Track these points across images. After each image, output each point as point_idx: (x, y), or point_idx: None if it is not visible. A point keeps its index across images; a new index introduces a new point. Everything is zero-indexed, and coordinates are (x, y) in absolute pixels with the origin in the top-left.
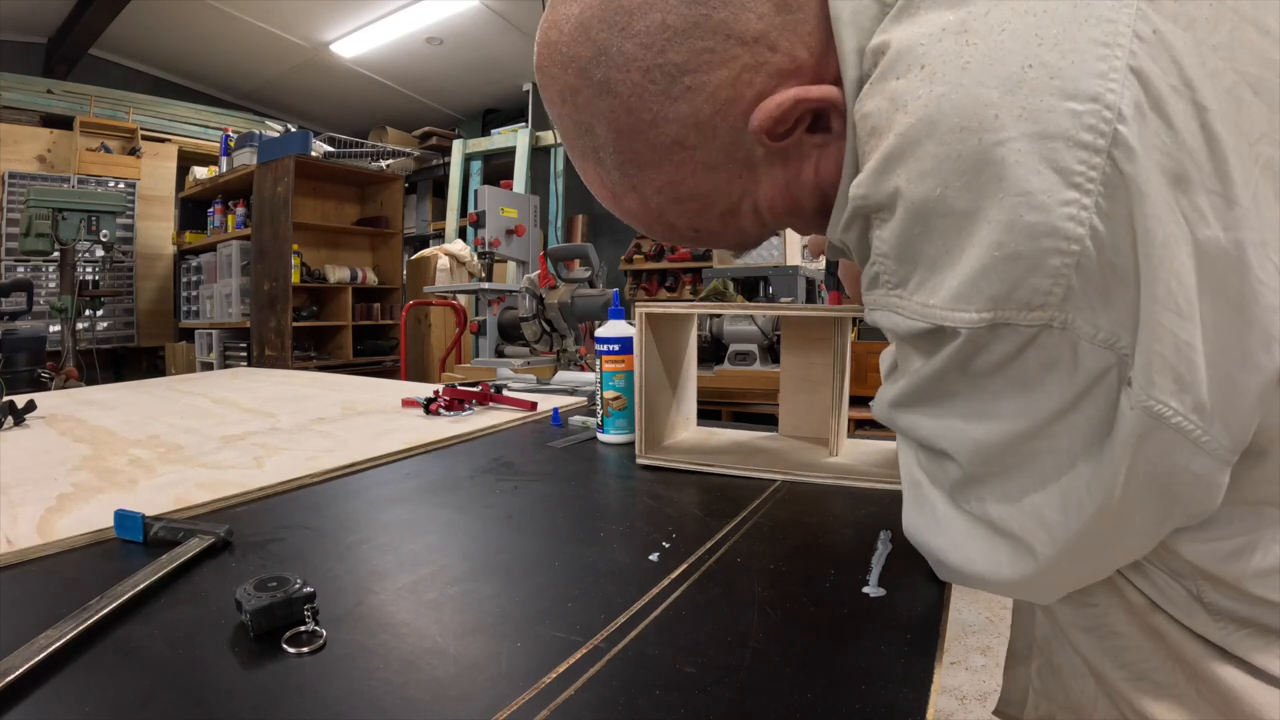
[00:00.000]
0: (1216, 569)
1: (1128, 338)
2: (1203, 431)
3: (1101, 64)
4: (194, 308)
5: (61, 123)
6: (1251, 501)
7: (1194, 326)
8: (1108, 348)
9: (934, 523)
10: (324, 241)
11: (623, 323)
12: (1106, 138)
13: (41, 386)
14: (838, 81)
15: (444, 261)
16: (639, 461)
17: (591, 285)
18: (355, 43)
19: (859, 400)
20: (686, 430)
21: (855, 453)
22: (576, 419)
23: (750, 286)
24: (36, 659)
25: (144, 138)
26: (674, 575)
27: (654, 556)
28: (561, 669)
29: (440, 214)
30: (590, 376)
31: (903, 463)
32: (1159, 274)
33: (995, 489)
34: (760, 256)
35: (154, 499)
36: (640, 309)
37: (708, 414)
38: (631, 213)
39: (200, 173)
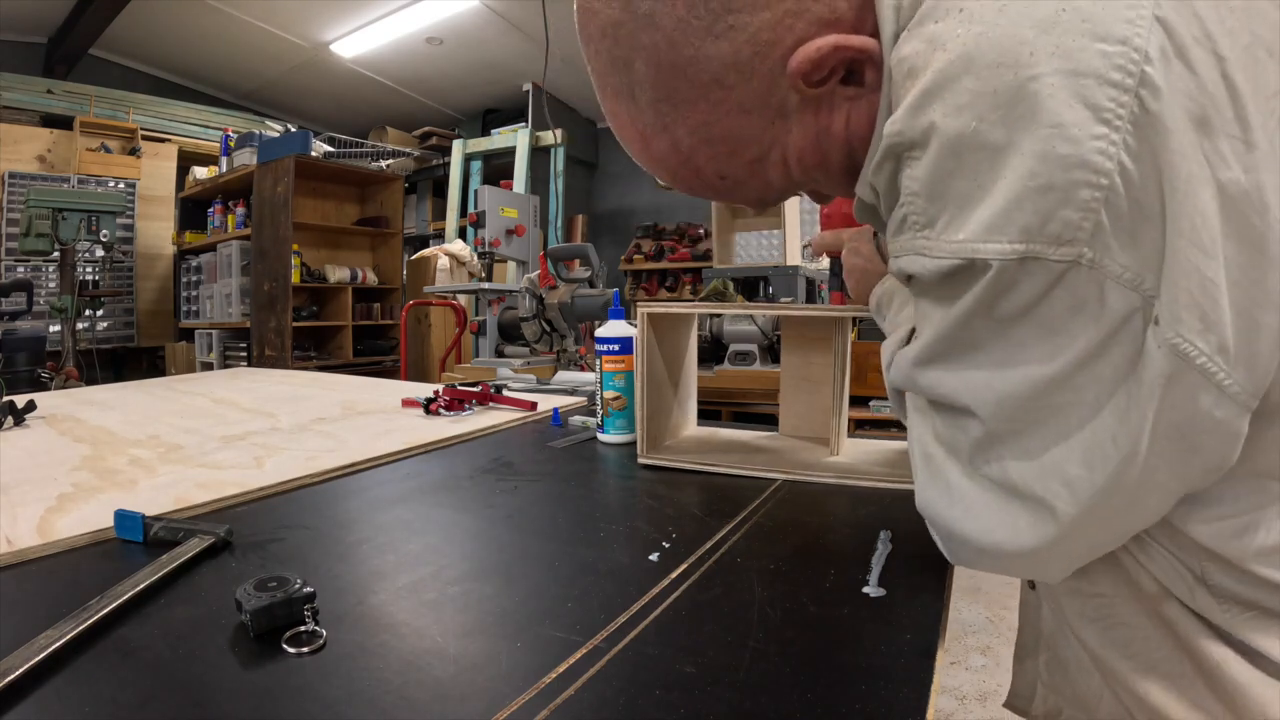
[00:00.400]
0: (1221, 547)
1: (1152, 279)
2: (1226, 374)
3: (1129, 11)
4: (194, 308)
5: (61, 123)
6: (1257, 473)
7: (1218, 265)
8: (1133, 289)
9: (948, 494)
10: (324, 241)
11: (623, 323)
12: (1134, 78)
13: (41, 386)
14: (873, 35)
15: (444, 261)
16: (640, 461)
17: (591, 285)
18: (355, 43)
19: (859, 400)
20: (687, 430)
21: (856, 452)
22: (576, 419)
23: (750, 286)
24: (36, 659)
25: (144, 138)
26: (674, 575)
27: (654, 556)
28: (561, 669)
29: (440, 214)
30: (590, 376)
31: (915, 438)
32: (1184, 209)
33: (1016, 446)
34: (760, 256)
35: (154, 499)
36: (642, 309)
37: (708, 414)
38: (659, 156)
39: (200, 173)
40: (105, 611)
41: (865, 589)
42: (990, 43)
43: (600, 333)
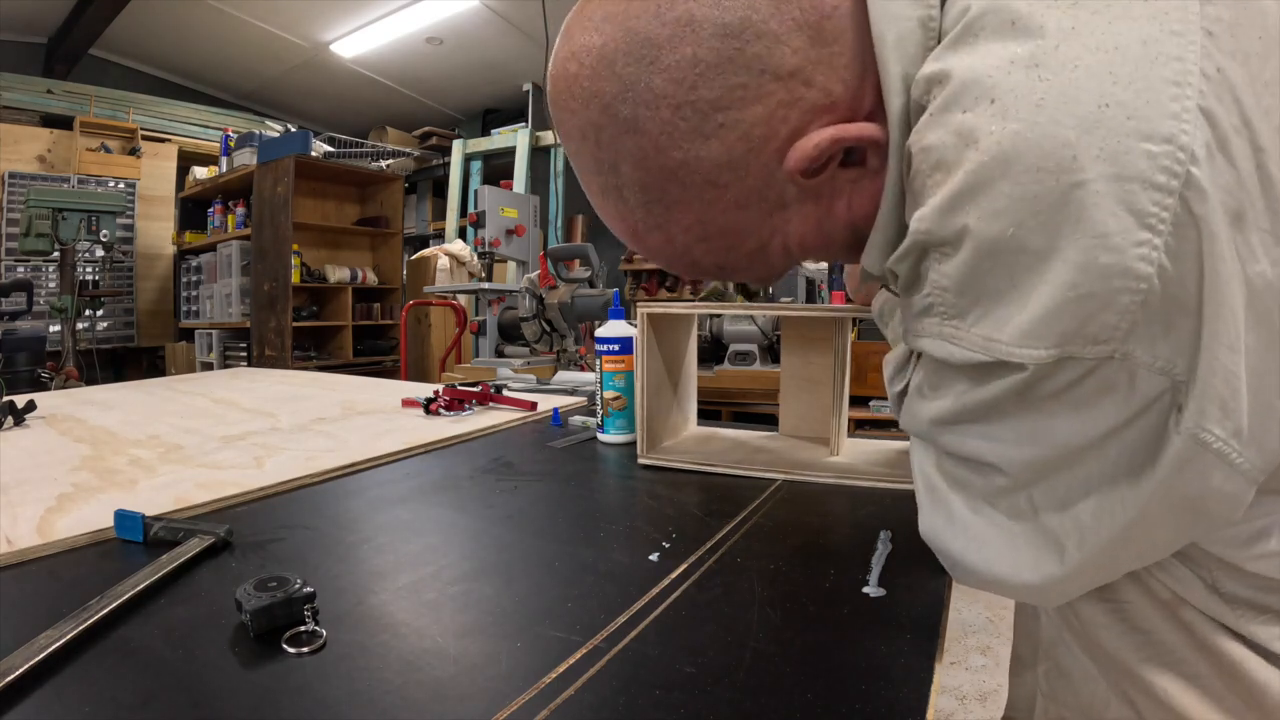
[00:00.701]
0: (1232, 555)
1: (1183, 364)
2: (1238, 454)
3: (1175, 104)
4: (194, 308)
5: (61, 123)
6: (1268, 491)
7: (1240, 358)
8: (1164, 374)
9: (951, 525)
10: (324, 241)
11: (623, 323)
12: (1179, 179)
13: (41, 386)
14: (872, 116)
15: (444, 261)
16: (640, 461)
17: (591, 285)
18: (355, 43)
19: (859, 400)
20: (687, 430)
21: (855, 452)
22: (576, 419)
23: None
24: (36, 659)
25: (144, 138)
26: (674, 575)
27: (654, 556)
28: (561, 669)
29: (440, 214)
30: (590, 376)
31: (917, 466)
32: (1221, 312)
33: (1040, 490)
34: None
35: (154, 499)
36: (642, 309)
37: (708, 414)
38: (654, 249)
39: (200, 173)
40: (105, 611)
41: (865, 589)
42: (1029, 144)
43: (600, 333)
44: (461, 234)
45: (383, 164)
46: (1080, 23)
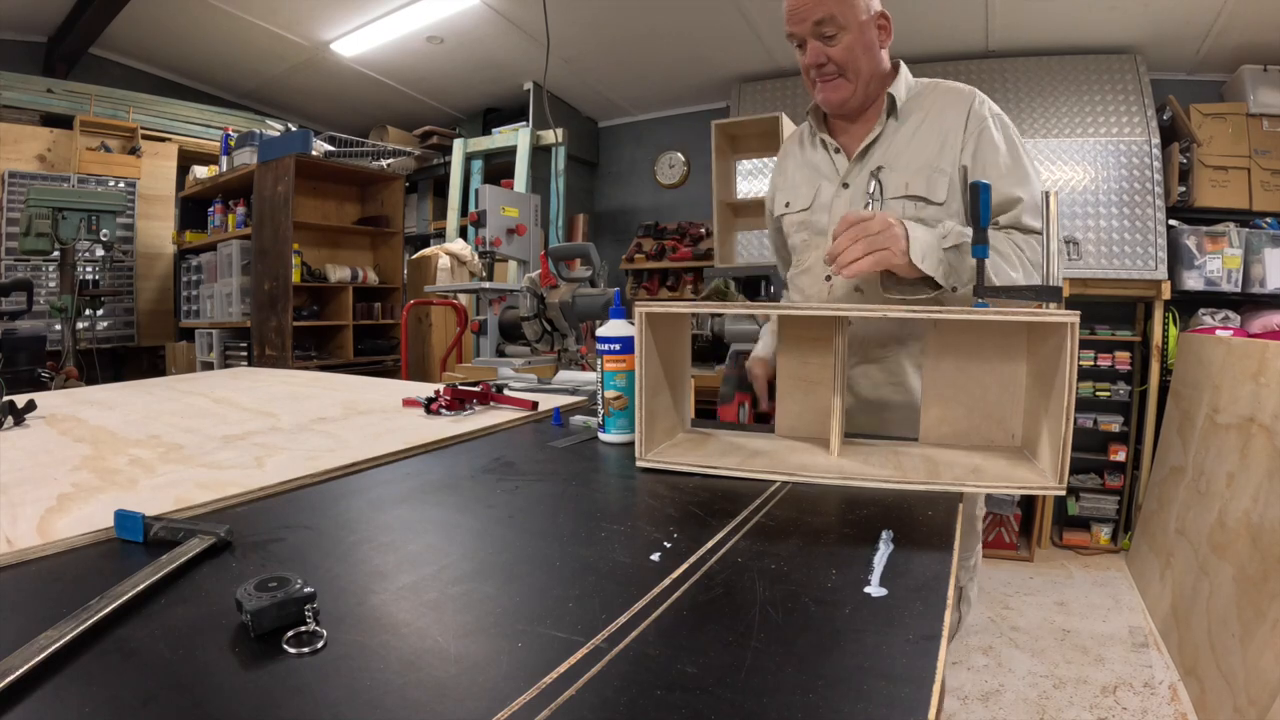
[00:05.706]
0: None
1: None
2: None
3: None
4: (194, 307)
5: (61, 122)
6: None
7: None
8: None
9: None
10: (324, 241)
11: (624, 322)
12: None
13: (41, 386)
14: None
15: (445, 261)
16: (639, 465)
17: (592, 284)
18: (355, 42)
19: None
20: (684, 430)
21: (854, 453)
22: (577, 419)
23: (751, 286)
24: (36, 659)
25: (144, 137)
26: (675, 575)
27: (655, 556)
28: (562, 669)
29: (441, 213)
30: (591, 376)
31: None
32: None
33: None
34: (761, 256)
35: (154, 499)
36: (639, 308)
37: (709, 413)
38: None
39: (200, 172)
40: (105, 611)
41: (867, 589)
42: None
43: (601, 332)
44: (462, 233)
45: (383, 163)
46: None
